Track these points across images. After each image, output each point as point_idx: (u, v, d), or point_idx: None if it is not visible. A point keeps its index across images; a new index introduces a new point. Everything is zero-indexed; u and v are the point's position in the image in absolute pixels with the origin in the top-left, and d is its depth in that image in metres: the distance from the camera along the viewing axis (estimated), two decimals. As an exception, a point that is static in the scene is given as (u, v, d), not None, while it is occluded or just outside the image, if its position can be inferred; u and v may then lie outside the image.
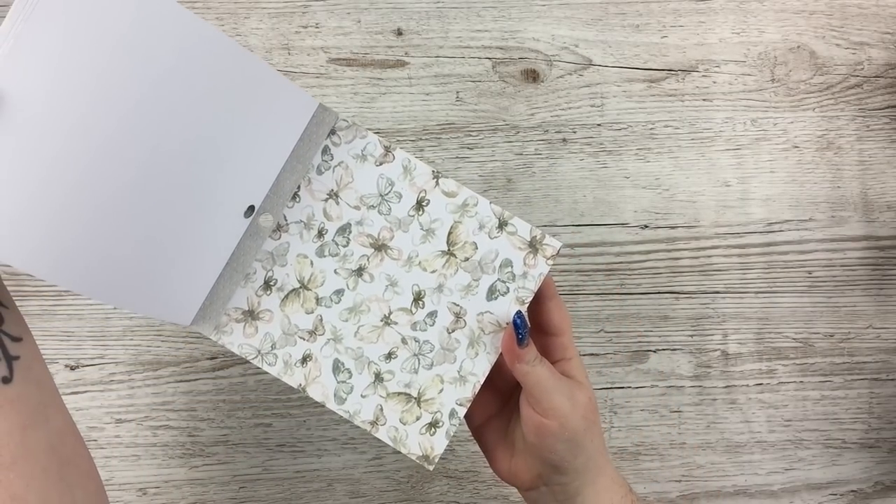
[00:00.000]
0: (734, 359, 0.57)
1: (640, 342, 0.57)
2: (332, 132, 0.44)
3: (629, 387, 0.56)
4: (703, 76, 0.59)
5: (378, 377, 0.43)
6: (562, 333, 0.43)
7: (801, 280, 0.57)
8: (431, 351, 0.43)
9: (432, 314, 0.44)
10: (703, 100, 0.59)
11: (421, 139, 0.59)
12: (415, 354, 0.43)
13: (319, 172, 0.44)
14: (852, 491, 0.56)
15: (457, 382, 0.43)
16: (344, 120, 0.44)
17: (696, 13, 0.60)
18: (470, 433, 0.48)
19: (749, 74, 0.59)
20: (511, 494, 0.56)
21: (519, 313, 0.42)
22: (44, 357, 0.58)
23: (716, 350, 0.57)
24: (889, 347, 0.57)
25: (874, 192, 0.58)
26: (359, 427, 0.43)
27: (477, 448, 0.56)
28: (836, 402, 0.57)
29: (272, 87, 0.41)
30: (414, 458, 0.43)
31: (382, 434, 0.43)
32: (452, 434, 0.43)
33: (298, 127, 0.44)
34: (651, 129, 0.59)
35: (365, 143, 0.44)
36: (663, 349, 0.57)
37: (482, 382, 0.43)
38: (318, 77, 0.59)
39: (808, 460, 0.56)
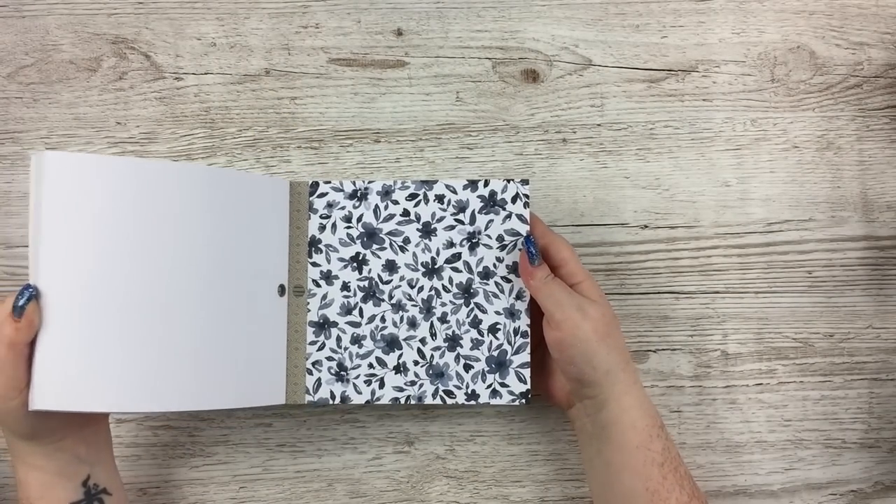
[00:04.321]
0: (734, 359, 0.57)
1: (640, 342, 0.57)
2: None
3: (629, 387, 0.56)
4: (703, 76, 0.59)
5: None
6: (565, 263, 0.48)
7: (800, 280, 0.57)
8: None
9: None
10: (703, 100, 0.59)
11: (421, 139, 0.59)
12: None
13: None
14: (852, 491, 0.56)
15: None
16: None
17: (696, 13, 0.60)
18: (469, 434, 0.56)
19: (749, 74, 0.59)
20: (511, 494, 0.56)
21: (527, 238, 0.49)
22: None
23: (716, 350, 0.57)
24: (889, 347, 0.57)
25: (874, 192, 0.58)
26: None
27: (477, 448, 0.56)
28: (836, 402, 0.57)
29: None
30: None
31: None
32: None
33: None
34: (651, 129, 0.59)
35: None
36: (663, 349, 0.57)
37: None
38: (318, 77, 0.59)
39: (808, 460, 0.56)
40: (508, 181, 0.51)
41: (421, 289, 0.52)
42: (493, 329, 0.51)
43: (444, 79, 0.59)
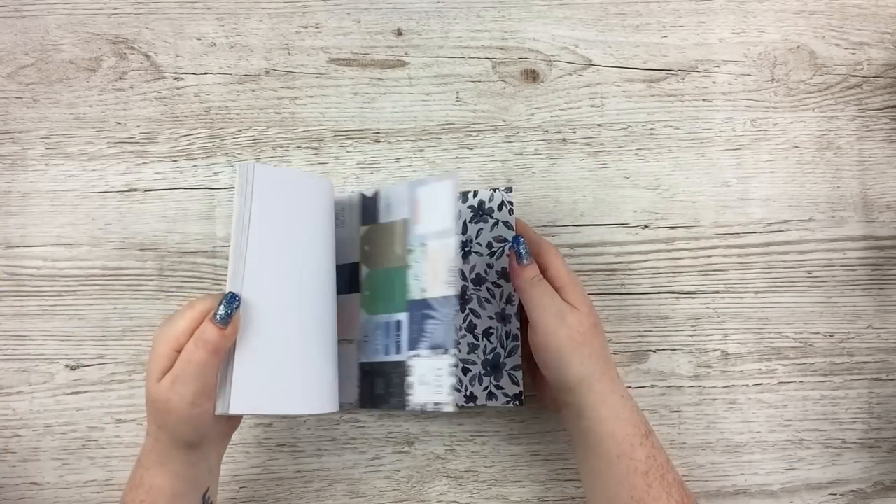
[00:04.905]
0: (734, 359, 0.57)
1: (640, 342, 0.57)
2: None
3: (629, 387, 0.56)
4: (703, 76, 0.59)
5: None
6: (549, 267, 0.48)
7: (800, 280, 0.57)
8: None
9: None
10: (703, 100, 0.59)
11: (421, 139, 0.59)
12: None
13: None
14: (852, 491, 0.56)
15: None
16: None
17: (696, 13, 0.60)
18: (469, 434, 0.56)
19: (749, 74, 0.59)
20: (511, 494, 0.56)
21: (516, 237, 0.48)
22: (44, 357, 0.58)
23: (716, 350, 0.57)
24: (889, 347, 0.57)
25: (874, 192, 0.58)
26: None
27: (477, 448, 0.56)
28: (836, 402, 0.57)
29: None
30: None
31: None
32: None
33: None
34: (651, 129, 0.59)
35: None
36: (663, 349, 0.57)
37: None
38: (318, 77, 0.59)
39: (808, 460, 0.56)
40: (494, 190, 0.52)
41: None
42: (487, 333, 0.51)
43: (444, 79, 0.59)
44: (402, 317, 0.50)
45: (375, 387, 0.50)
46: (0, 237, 0.58)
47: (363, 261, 0.53)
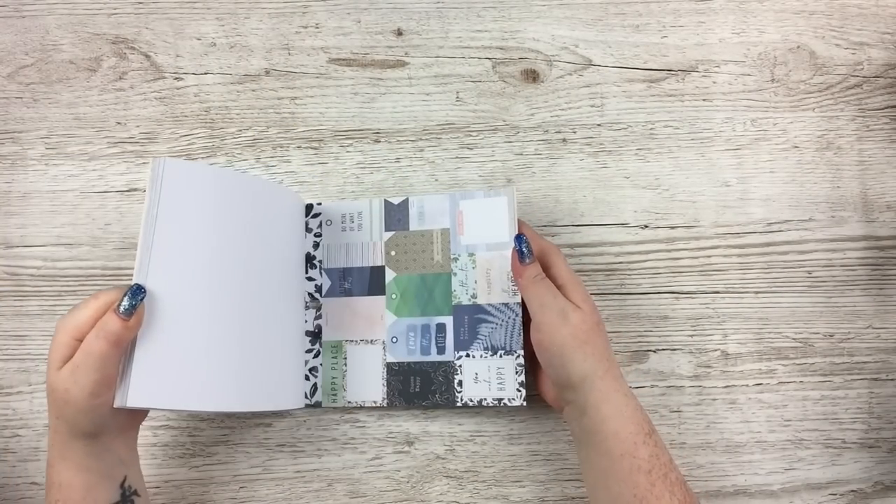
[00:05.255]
0: (734, 359, 0.57)
1: (639, 342, 0.57)
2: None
3: (629, 387, 0.56)
4: (703, 76, 0.59)
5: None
6: (550, 266, 0.49)
7: (800, 280, 0.57)
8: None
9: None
10: (703, 100, 0.59)
11: (421, 139, 0.59)
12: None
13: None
14: (852, 491, 0.56)
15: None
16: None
17: (696, 13, 0.60)
18: (469, 434, 0.56)
19: (749, 74, 0.59)
20: (511, 494, 0.56)
21: (518, 236, 0.49)
22: (44, 357, 0.58)
23: (716, 350, 0.57)
24: (889, 347, 0.57)
25: (874, 192, 0.58)
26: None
27: (477, 448, 0.56)
28: (836, 402, 0.57)
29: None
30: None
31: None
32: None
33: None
34: (651, 129, 0.59)
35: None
36: (663, 349, 0.57)
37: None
38: (318, 77, 0.59)
39: (808, 460, 0.56)
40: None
41: None
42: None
43: (444, 79, 0.59)
44: (446, 320, 0.51)
45: (410, 385, 0.51)
46: (0, 237, 0.58)
47: (389, 265, 0.53)
